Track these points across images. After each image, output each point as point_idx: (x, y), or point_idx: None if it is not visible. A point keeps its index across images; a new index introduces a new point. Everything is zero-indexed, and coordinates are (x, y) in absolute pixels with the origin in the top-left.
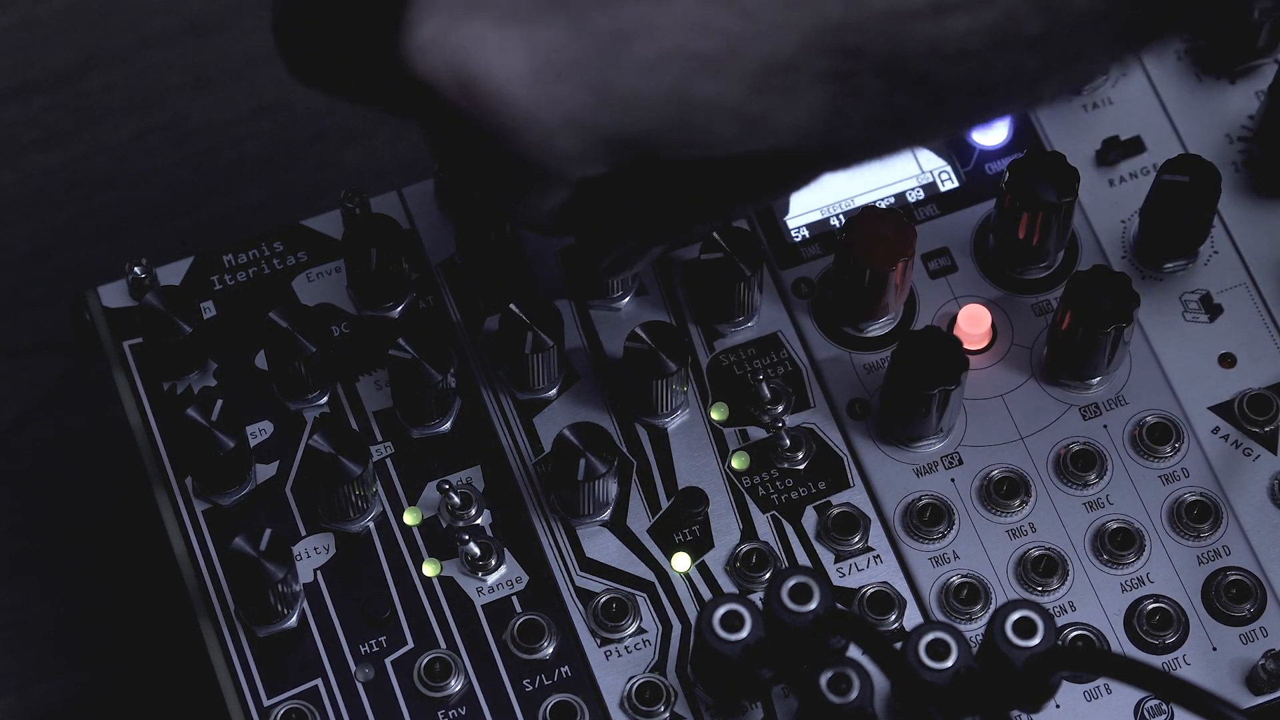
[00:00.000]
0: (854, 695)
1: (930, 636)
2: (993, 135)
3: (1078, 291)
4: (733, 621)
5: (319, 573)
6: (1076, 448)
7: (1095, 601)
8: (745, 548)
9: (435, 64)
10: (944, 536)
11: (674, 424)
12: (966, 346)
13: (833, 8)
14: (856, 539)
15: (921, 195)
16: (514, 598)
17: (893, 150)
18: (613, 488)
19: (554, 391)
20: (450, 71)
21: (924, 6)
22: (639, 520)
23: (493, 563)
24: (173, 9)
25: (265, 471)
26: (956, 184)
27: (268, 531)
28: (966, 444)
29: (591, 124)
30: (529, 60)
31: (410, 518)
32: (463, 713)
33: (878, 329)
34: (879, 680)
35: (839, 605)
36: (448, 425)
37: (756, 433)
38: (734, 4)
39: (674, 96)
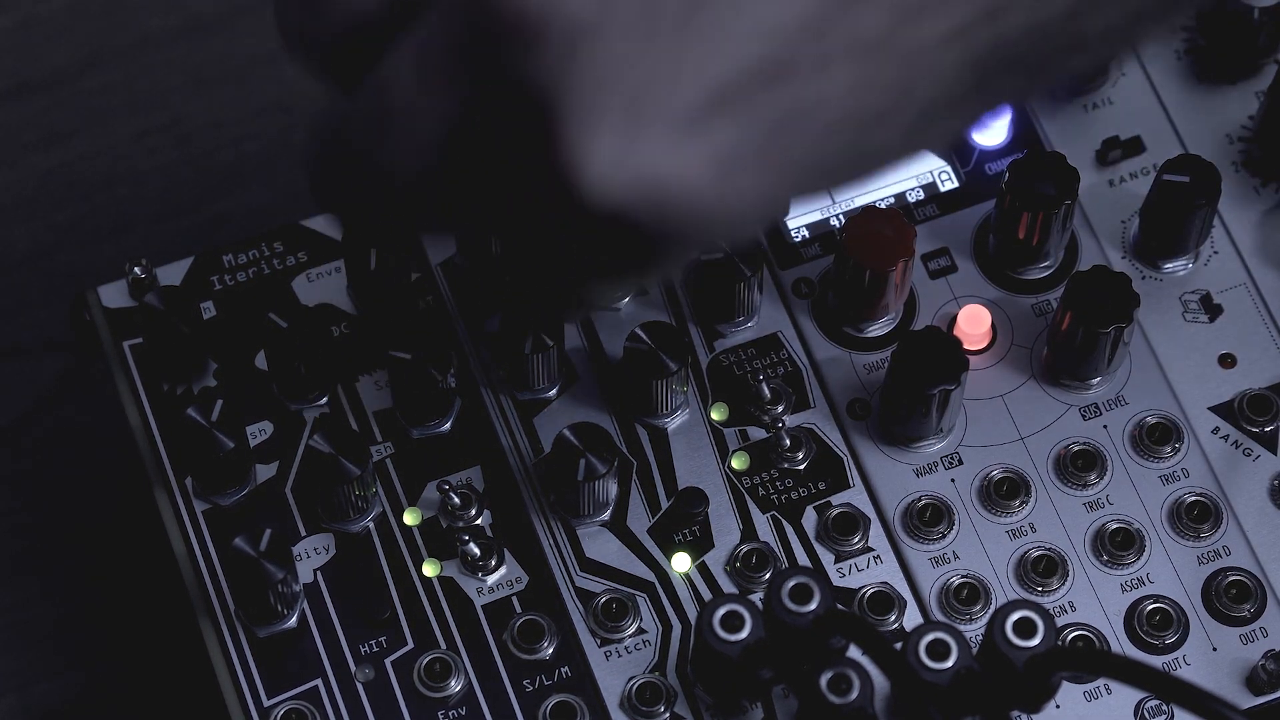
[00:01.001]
0: (854, 695)
1: (930, 636)
2: (993, 135)
3: (1078, 291)
4: (733, 621)
5: (319, 573)
6: (1076, 448)
7: (1095, 602)
8: (745, 548)
9: (623, 192)
10: (944, 537)
11: (674, 424)
12: (966, 346)
13: (980, 36)
14: (856, 539)
15: (921, 195)
16: (514, 598)
17: None
18: (613, 488)
19: (554, 391)
20: (640, 196)
21: (1060, 13)
22: (639, 520)
23: (493, 563)
24: (173, 9)
25: (265, 471)
26: (956, 184)
27: (268, 531)
28: (966, 444)
29: (773, 198)
30: (712, 165)
31: (410, 518)
32: (463, 713)
33: (878, 329)
34: (879, 680)
35: (839, 605)
36: (448, 425)
37: (756, 433)
38: (892, 54)
39: (849, 152)
